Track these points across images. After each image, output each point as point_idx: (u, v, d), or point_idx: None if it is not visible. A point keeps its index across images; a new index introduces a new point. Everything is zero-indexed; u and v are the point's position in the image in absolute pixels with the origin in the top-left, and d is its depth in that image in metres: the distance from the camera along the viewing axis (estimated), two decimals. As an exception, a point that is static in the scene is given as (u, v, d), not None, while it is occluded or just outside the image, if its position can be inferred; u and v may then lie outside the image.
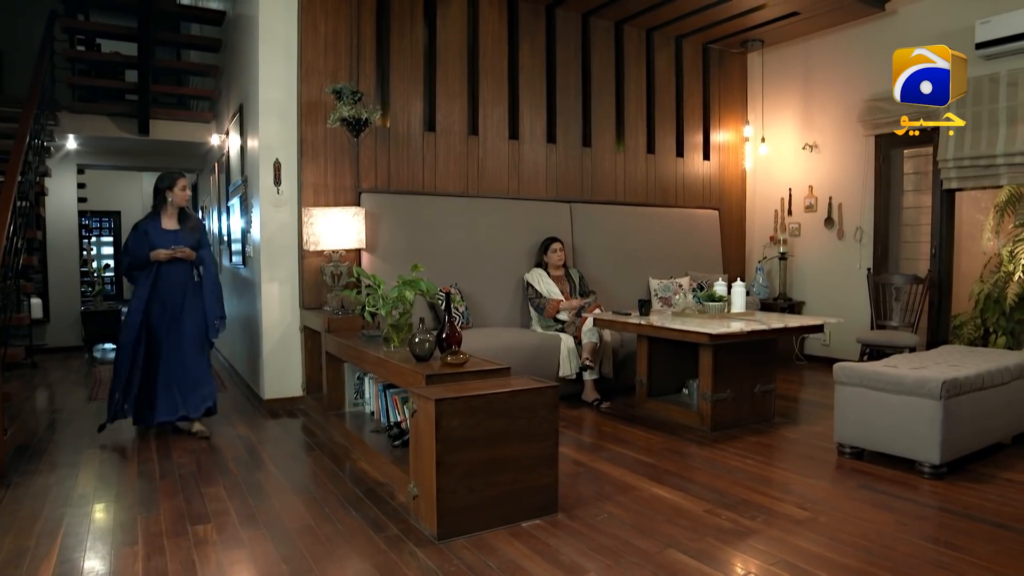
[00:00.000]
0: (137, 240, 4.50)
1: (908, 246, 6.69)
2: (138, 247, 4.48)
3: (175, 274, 4.52)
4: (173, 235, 4.53)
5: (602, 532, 2.94)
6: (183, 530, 3.00)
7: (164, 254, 4.44)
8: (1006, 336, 6.43)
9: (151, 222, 4.55)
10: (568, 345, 5.26)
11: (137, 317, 4.43)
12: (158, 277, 4.47)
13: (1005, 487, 3.49)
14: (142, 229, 4.52)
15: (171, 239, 4.50)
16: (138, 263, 4.48)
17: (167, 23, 8.13)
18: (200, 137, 7.83)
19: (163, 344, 4.48)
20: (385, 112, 5.56)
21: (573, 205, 6.43)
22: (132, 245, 4.52)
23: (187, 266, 4.56)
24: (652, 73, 7.00)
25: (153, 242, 4.46)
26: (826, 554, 2.72)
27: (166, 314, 4.48)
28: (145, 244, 4.47)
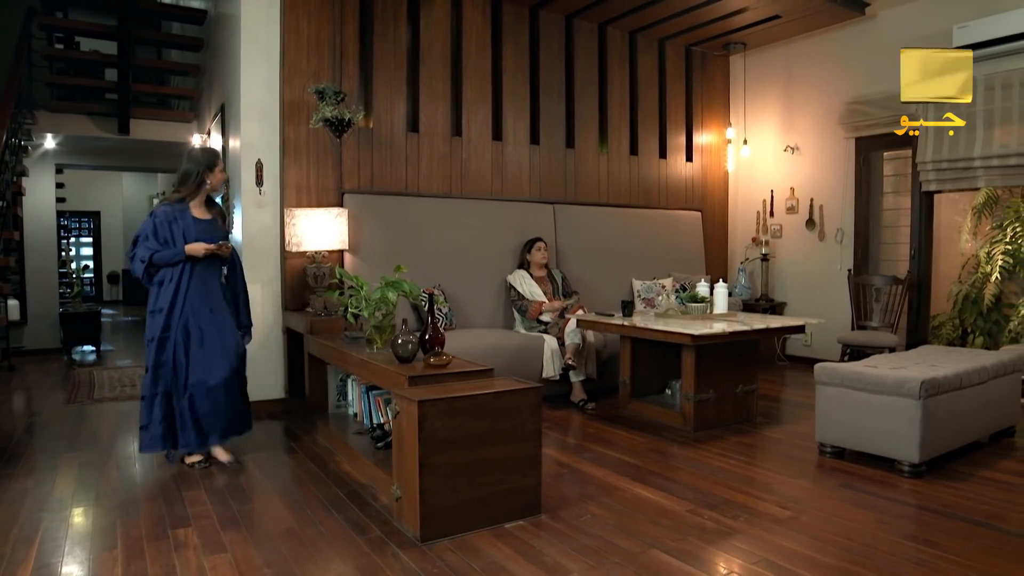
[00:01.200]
0: (166, 231, 3.72)
1: (888, 247, 6.77)
2: (176, 238, 3.72)
3: (208, 275, 3.82)
4: (207, 226, 3.82)
5: (585, 533, 2.95)
6: (163, 534, 2.97)
7: (205, 248, 3.72)
8: (983, 336, 6.53)
9: (180, 209, 3.78)
10: (551, 346, 5.27)
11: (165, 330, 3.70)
12: (190, 278, 3.75)
13: (982, 485, 3.54)
14: (171, 216, 3.73)
15: (207, 231, 3.79)
16: (164, 259, 3.70)
17: (148, 21, 8.08)
18: (181, 137, 7.77)
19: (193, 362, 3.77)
20: (368, 113, 5.54)
21: (556, 206, 6.44)
22: (159, 235, 3.72)
23: (219, 265, 3.91)
24: (635, 75, 7.03)
25: (188, 234, 3.73)
26: (807, 553, 2.74)
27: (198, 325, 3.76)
28: (179, 236, 3.72)
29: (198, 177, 3.79)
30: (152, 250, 3.70)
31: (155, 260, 3.70)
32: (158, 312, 3.73)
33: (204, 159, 3.82)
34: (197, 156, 3.85)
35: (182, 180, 3.80)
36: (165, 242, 3.72)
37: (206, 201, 3.91)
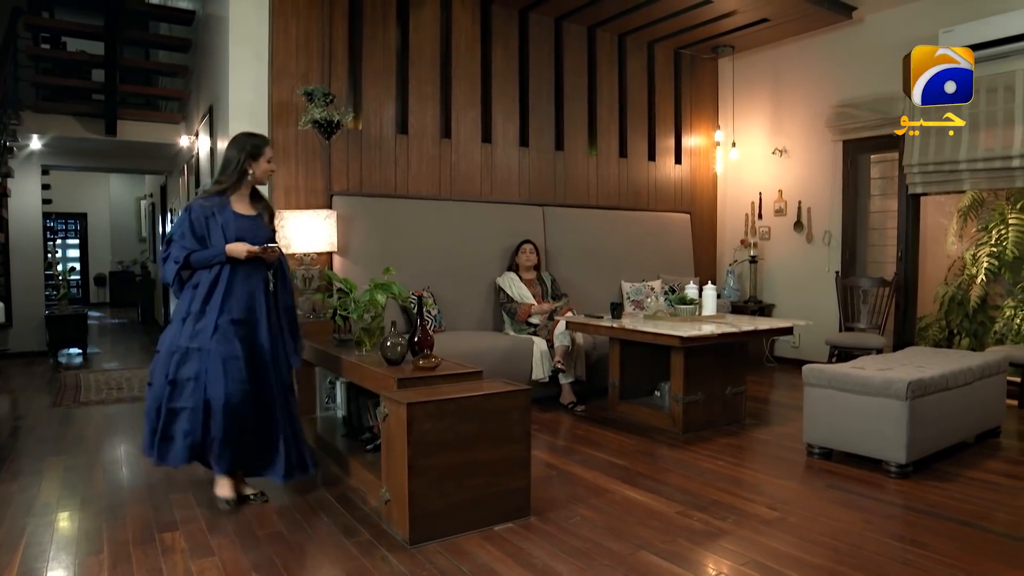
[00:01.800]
0: (202, 227, 3.21)
1: (875, 249, 6.81)
2: (215, 237, 3.20)
3: (251, 281, 3.25)
4: (250, 223, 3.28)
5: (574, 535, 2.95)
6: (150, 538, 2.94)
7: (248, 250, 3.15)
8: (969, 337, 6.59)
9: (219, 204, 3.25)
10: (541, 348, 5.27)
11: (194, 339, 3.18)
12: (230, 285, 3.19)
13: (968, 485, 3.56)
14: (208, 211, 3.22)
15: (249, 229, 3.25)
16: (201, 260, 3.18)
17: (135, 22, 8.03)
18: (169, 138, 7.72)
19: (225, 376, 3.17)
20: (357, 115, 5.53)
21: (546, 208, 6.45)
22: (196, 233, 3.20)
23: (264, 271, 3.31)
24: (624, 78, 7.05)
25: (228, 232, 3.21)
26: (795, 553, 2.75)
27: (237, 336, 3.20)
28: (217, 233, 3.20)
29: (239, 166, 3.24)
30: (188, 249, 3.18)
31: (192, 261, 3.18)
32: (189, 318, 3.17)
33: (247, 145, 3.26)
34: (240, 141, 3.28)
35: (223, 169, 3.28)
36: (202, 240, 3.20)
37: (251, 194, 3.37)
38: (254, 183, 3.35)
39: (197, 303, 3.17)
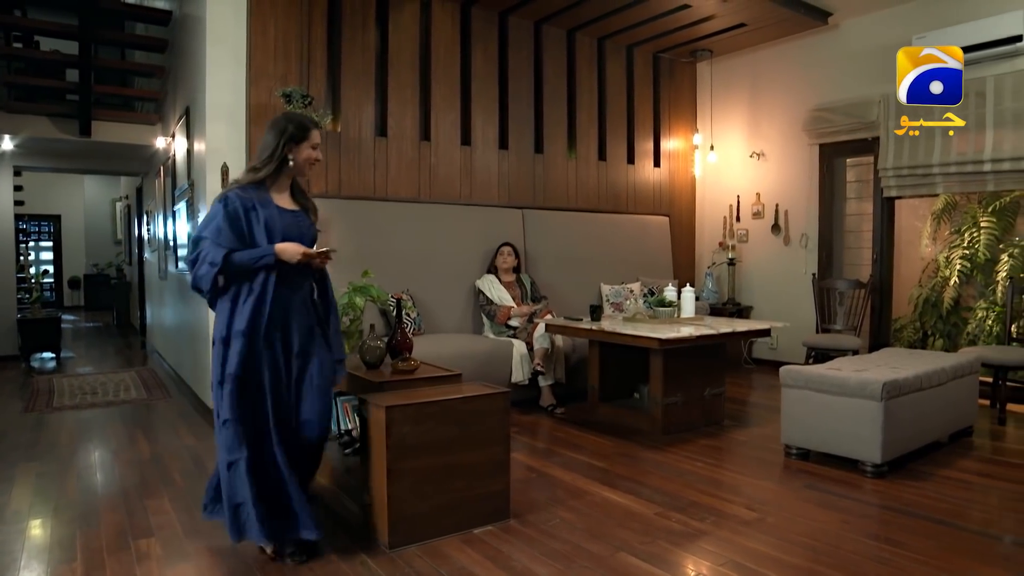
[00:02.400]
0: (241, 223, 2.66)
1: (851, 252, 6.89)
2: (257, 235, 2.66)
3: (297, 289, 2.77)
4: (297, 220, 2.79)
5: (554, 537, 2.95)
6: (125, 545, 2.91)
7: (303, 253, 2.67)
8: (943, 338, 6.68)
9: (259, 197, 2.72)
10: (520, 351, 5.27)
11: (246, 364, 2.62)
12: (275, 291, 2.68)
13: (943, 484, 3.61)
14: (247, 203, 2.67)
15: (295, 226, 2.77)
16: (244, 262, 2.62)
17: (110, 21, 7.92)
18: (145, 139, 7.64)
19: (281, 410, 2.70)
20: (336, 117, 5.51)
21: (525, 211, 6.45)
22: (235, 229, 2.65)
23: (310, 277, 2.87)
24: (603, 81, 7.08)
25: (273, 230, 2.69)
26: (773, 553, 2.77)
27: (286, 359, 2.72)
28: (259, 231, 2.67)
29: (280, 153, 2.72)
30: (227, 249, 2.61)
31: (233, 262, 2.61)
32: (236, 338, 2.61)
33: (288, 127, 2.73)
34: (280, 123, 2.77)
35: (260, 155, 2.77)
36: (241, 239, 2.66)
37: (291, 187, 2.87)
38: (295, 173, 2.82)
39: (243, 318, 2.62)
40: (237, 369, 2.60)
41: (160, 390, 6.30)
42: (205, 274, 2.63)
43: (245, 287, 2.66)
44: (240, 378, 2.61)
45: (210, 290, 2.67)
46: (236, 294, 2.67)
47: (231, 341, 2.63)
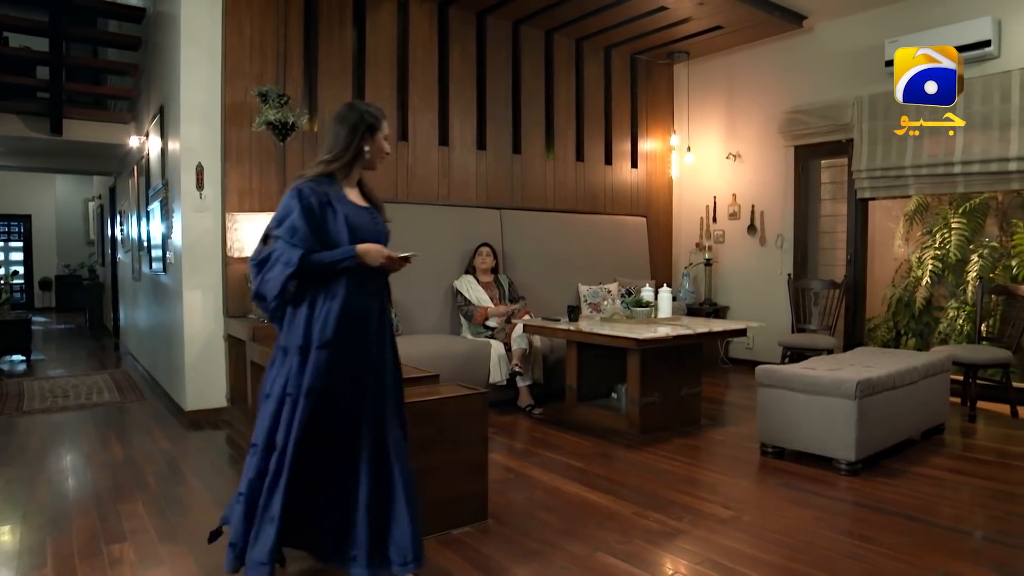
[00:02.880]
0: (325, 220, 2.38)
1: (826, 252, 6.97)
2: (335, 234, 2.39)
3: (375, 295, 2.51)
4: (372, 219, 2.53)
5: (532, 537, 2.95)
6: (97, 550, 2.86)
7: (385, 255, 2.44)
8: (916, 337, 6.78)
9: (331, 191, 2.44)
10: (498, 351, 5.27)
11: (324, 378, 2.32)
12: (355, 300, 2.41)
13: (915, 481, 3.67)
14: (323, 197, 2.39)
15: (373, 226, 2.51)
16: (323, 264, 2.35)
17: (82, 18, 7.80)
18: (118, 138, 7.53)
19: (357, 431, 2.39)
20: (313, 116, 5.47)
21: (503, 212, 6.45)
22: (309, 229, 2.34)
23: (385, 282, 2.60)
24: (581, 82, 7.10)
25: (352, 229, 2.42)
26: (749, 551, 2.80)
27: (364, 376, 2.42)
28: (338, 229, 2.40)
29: (356, 144, 2.48)
30: (304, 249, 2.33)
31: (311, 264, 2.32)
32: (317, 349, 2.33)
33: (364, 116, 2.49)
34: (354, 111, 2.51)
35: (333, 146, 2.49)
36: (318, 237, 2.37)
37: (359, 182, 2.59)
38: (366, 167, 2.56)
39: (323, 324, 2.34)
40: (318, 383, 2.31)
41: (134, 392, 6.21)
42: (276, 276, 2.32)
43: (321, 293, 2.37)
44: (320, 393, 2.31)
45: (278, 296, 2.33)
46: (312, 300, 2.37)
47: (309, 352, 2.32)
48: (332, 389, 2.34)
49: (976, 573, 2.61)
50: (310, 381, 2.30)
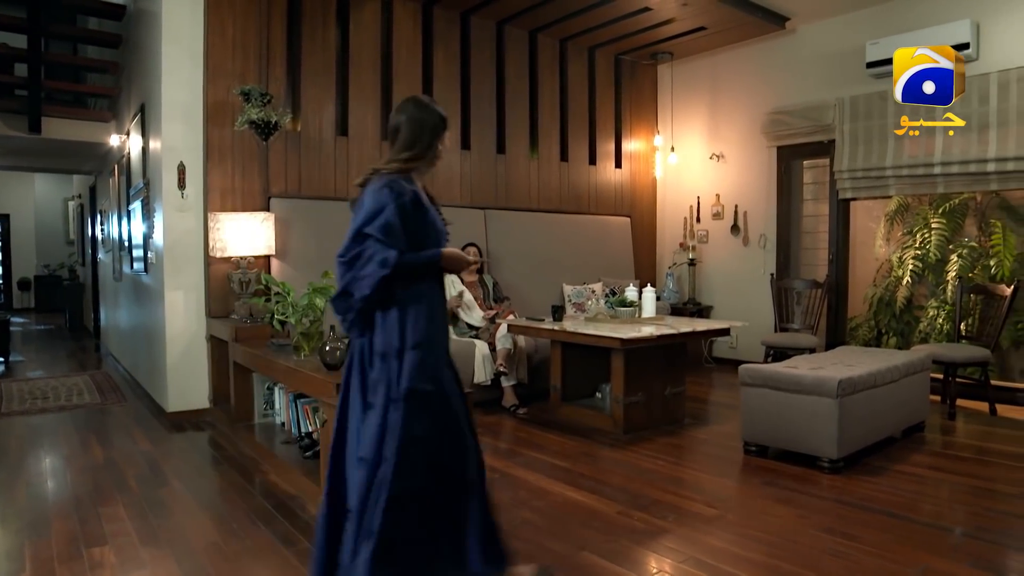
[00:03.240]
0: (415, 219, 2.30)
1: (808, 252, 7.02)
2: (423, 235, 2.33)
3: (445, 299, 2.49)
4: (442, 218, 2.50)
5: (517, 537, 2.94)
6: (77, 554, 2.83)
7: (465, 261, 2.51)
8: (896, 336, 6.84)
9: (416, 190, 2.35)
10: (482, 351, 5.26)
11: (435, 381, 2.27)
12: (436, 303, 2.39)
13: (896, 478, 3.70)
14: (414, 198, 2.31)
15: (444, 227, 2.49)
16: (413, 267, 2.26)
17: (61, 15, 7.71)
18: (98, 137, 7.44)
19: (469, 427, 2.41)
20: (296, 116, 5.44)
21: (487, 212, 6.45)
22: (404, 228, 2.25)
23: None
24: (565, 82, 7.11)
25: (439, 230, 2.42)
26: (733, 550, 2.81)
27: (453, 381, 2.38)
28: (427, 231, 2.35)
29: (435, 145, 2.44)
30: (399, 249, 2.23)
31: (402, 265, 2.22)
32: (422, 348, 2.25)
33: (441, 120, 2.46)
34: (427, 112, 2.45)
35: (412, 142, 2.37)
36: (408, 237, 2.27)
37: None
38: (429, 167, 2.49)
39: (422, 325, 2.26)
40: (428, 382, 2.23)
41: (115, 394, 6.15)
42: (371, 276, 2.18)
43: (408, 295, 2.27)
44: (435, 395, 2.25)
45: (368, 296, 2.20)
46: (404, 302, 2.26)
47: (415, 350, 2.22)
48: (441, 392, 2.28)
49: (955, 569, 2.64)
50: (423, 380, 2.21)
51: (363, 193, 2.31)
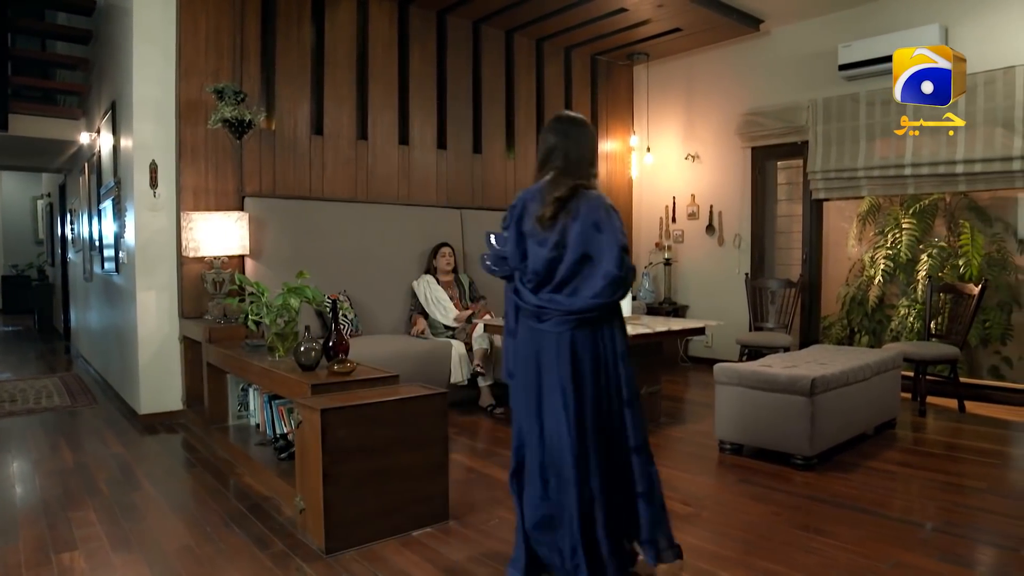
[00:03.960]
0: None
1: (782, 252, 7.10)
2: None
3: None
4: None
5: (493, 537, 2.95)
6: (45, 559, 2.78)
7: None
8: (868, 335, 6.94)
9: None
10: (459, 351, 5.25)
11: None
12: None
13: (868, 475, 3.75)
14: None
15: None
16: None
17: (29, 9, 7.57)
18: (68, 135, 7.32)
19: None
20: (270, 114, 5.39)
21: (464, 211, 6.44)
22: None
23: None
24: (542, 82, 7.12)
25: None
26: (709, 547, 2.83)
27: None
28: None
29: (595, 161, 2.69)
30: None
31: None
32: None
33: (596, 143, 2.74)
34: (591, 132, 2.72)
35: (583, 164, 2.61)
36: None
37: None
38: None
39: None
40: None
41: (85, 396, 6.05)
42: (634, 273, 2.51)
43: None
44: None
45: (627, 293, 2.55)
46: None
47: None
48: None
49: (925, 563, 2.68)
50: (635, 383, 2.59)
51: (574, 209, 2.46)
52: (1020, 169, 5.07)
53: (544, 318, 2.46)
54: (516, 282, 2.57)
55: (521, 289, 2.54)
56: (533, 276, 2.49)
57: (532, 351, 2.49)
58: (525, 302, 2.51)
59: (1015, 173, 5.12)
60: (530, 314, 2.50)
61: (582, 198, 2.46)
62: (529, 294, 2.50)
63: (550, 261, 2.45)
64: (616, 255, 2.38)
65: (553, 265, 2.45)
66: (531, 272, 2.50)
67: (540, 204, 2.52)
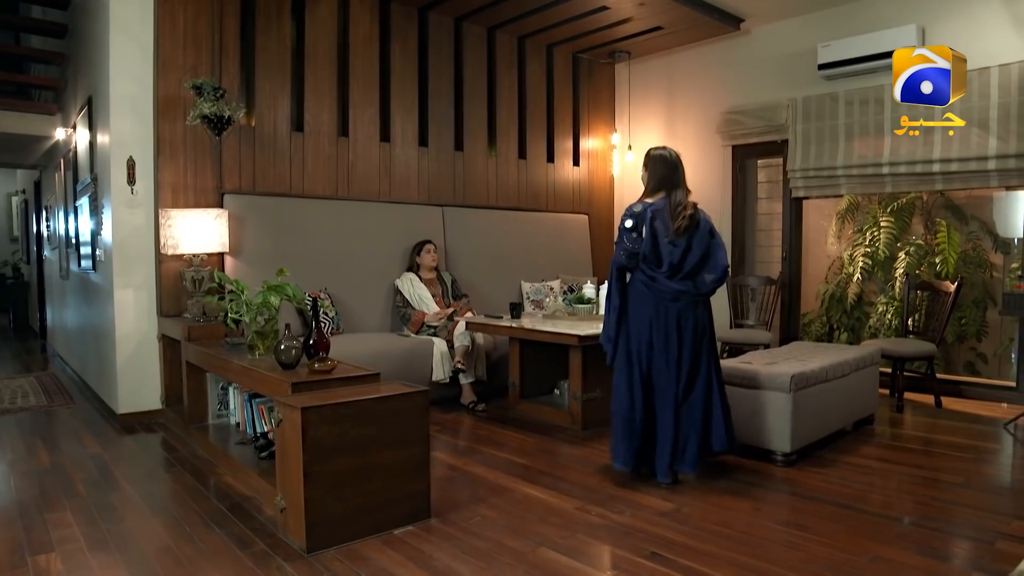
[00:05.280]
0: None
1: (762, 250, 7.15)
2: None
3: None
4: None
5: (475, 535, 2.94)
6: (20, 562, 2.73)
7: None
8: (847, 332, 7.01)
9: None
10: (441, 349, 5.24)
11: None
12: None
13: (847, 470, 3.79)
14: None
15: None
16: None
17: (3, 3, 7.46)
18: (43, 130, 7.21)
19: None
20: (250, 111, 5.34)
21: (445, 209, 6.42)
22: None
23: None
24: (524, 80, 7.11)
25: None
26: (690, 543, 2.85)
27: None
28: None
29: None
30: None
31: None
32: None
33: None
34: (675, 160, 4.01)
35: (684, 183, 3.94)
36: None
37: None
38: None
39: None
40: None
41: (62, 396, 5.97)
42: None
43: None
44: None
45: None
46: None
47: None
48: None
49: (902, 557, 2.71)
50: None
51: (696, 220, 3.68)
52: (995, 169, 5.14)
53: (680, 299, 3.50)
54: (645, 272, 3.53)
55: (658, 277, 3.50)
56: (669, 267, 3.48)
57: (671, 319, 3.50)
58: (664, 287, 3.49)
59: (990, 172, 5.19)
60: (668, 297, 3.49)
61: (699, 214, 3.66)
62: (666, 281, 3.49)
63: (683, 257, 3.50)
64: (724, 253, 3.60)
65: (684, 259, 3.50)
66: (667, 265, 3.48)
67: (669, 217, 3.59)
